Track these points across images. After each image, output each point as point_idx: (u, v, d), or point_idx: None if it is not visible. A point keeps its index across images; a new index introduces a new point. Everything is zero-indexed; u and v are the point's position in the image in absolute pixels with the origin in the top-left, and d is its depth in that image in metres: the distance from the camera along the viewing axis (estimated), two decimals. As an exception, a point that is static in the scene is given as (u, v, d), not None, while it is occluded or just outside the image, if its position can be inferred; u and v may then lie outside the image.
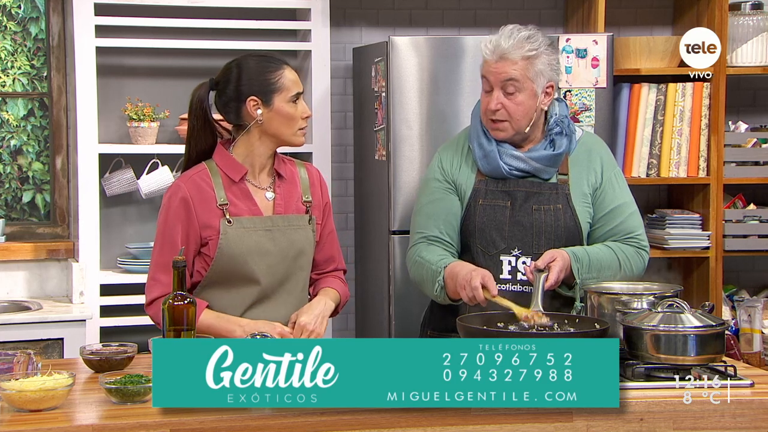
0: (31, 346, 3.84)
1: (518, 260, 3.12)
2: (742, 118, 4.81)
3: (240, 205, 3.02)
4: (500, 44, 3.08)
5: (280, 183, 3.10)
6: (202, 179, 3.02)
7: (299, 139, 3.06)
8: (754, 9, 4.65)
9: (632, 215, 3.20)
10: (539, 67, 3.09)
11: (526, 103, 3.10)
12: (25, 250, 4.44)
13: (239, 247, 2.99)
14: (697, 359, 2.67)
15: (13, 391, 2.42)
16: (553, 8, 4.85)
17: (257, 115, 3.00)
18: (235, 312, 3.02)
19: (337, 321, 4.60)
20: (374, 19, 4.73)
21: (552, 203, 3.14)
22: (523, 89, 3.08)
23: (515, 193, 3.15)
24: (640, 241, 3.19)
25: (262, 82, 3.00)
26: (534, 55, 3.08)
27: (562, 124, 3.17)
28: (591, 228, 3.20)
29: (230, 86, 3.02)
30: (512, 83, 3.08)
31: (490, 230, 3.14)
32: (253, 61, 3.03)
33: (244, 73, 3.01)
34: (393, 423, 2.43)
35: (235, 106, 3.02)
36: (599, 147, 3.27)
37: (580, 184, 3.18)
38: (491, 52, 3.09)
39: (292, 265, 3.07)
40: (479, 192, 3.17)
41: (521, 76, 3.07)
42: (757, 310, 4.36)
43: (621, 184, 3.23)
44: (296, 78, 3.05)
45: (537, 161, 3.14)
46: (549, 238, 3.12)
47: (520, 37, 3.08)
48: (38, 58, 4.57)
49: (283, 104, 3.01)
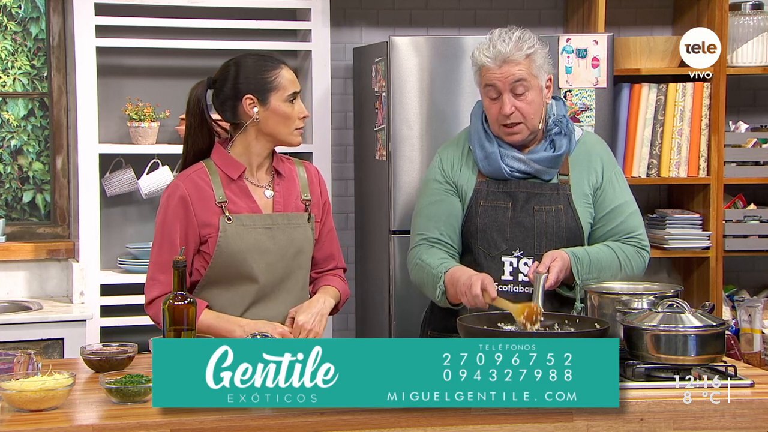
0: (31, 346, 3.84)
1: (520, 261, 3.12)
2: (743, 118, 4.81)
3: (239, 203, 3.02)
4: (499, 49, 3.08)
5: (279, 181, 3.10)
6: (201, 178, 3.02)
7: (296, 139, 3.05)
8: (754, 9, 4.65)
9: (633, 215, 3.20)
10: (539, 62, 3.11)
11: (537, 101, 3.11)
12: (26, 250, 4.44)
13: (238, 244, 2.98)
14: (697, 359, 2.67)
15: (13, 391, 2.42)
16: (553, 8, 4.85)
17: (254, 113, 3.00)
18: (235, 311, 3.02)
19: (337, 321, 4.60)
20: (374, 19, 4.73)
21: (553, 204, 3.14)
22: (531, 87, 3.09)
23: (516, 194, 3.15)
24: (640, 240, 3.19)
25: (258, 80, 3.00)
26: (533, 52, 3.10)
27: (560, 124, 3.18)
28: (591, 228, 3.19)
29: (227, 85, 3.02)
30: (521, 83, 3.08)
31: (491, 231, 3.14)
32: (250, 60, 3.04)
33: (242, 71, 3.01)
34: (393, 423, 2.43)
35: (231, 105, 3.03)
36: (599, 146, 3.27)
37: (581, 184, 3.18)
38: (492, 58, 3.09)
39: (292, 263, 3.07)
40: (480, 193, 3.17)
41: (528, 75, 3.08)
42: (758, 310, 4.36)
43: (621, 183, 3.23)
44: (293, 77, 3.05)
45: (538, 163, 3.14)
46: (550, 239, 3.12)
47: (515, 38, 3.10)
48: (38, 58, 4.57)
49: (280, 103, 3.01)
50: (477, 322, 2.84)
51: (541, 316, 2.88)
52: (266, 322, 2.98)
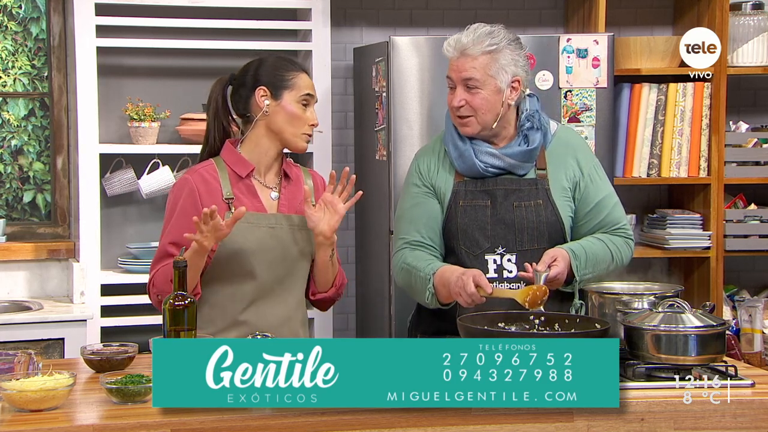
0: (31, 346, 3.84)
1: (503, 258, 3.11)
2: (743, 118, 4.82)
3: (245, 201, 3.03)
4: (461, 41, 3.09)
5: (286, 184, 3.12)
6: (209, 173, 3.05)
7: (301, 144, 3.06)
8: (754, 9, 4.65)
9: (616, 206, 3.21)
10: (502, 62, 3.08)
11: (490, 99, 3.09)
12: (26, 250, 4.44)
13: (241, 241, 2.99)
14: (697, 359, 2.67)
15: (13, 391, 2.42)
16: (553, 8, 4.85)
17: (264, 105, 3.02)
18: (235, 308, 3.03)
19: (337, 321, 4.60)
20: (375, 19, 4.73)
21: (532, 199, 3.14)
22: (484, 85, 3.08)
23: (495, 191, 3.15)
24: (626, 231, 3.20)
25: (275, 76, 3.04)
26: (494, 50, 3.07)
27: (532, 119, 3.17)
28: (578, 223, 3.18)
29: (245, 77, 3.07)
30: (472, 81, 3.08)
31: (472, 231, 3.12)
32: (273, 59, 3.10)
33: (262, 66, 3.07)
34: (393, 423, 2.43)
35: (245, 95, 3.07)
36: (575, 140, 3.26)
37: (559, 178, 3.18)
38: (453, 49, 3.10)
39: (292, 264, 3.07)
40: (459, 193, 3.16)
41: (481, 74, 3.07)
42: (758, 310, 4.36)
43: (602, 176, 3.23)
44: (311, 83, 3.09)
45: (511, 157, 3.13)
46: (532, 235, 3.12)
47: (481, 32, 3.09)
48: (39, 58, 4.57)
49: (292, 102, 3.03)
50: (477, 322, 2.84)
51: (546, 296, 2.88)
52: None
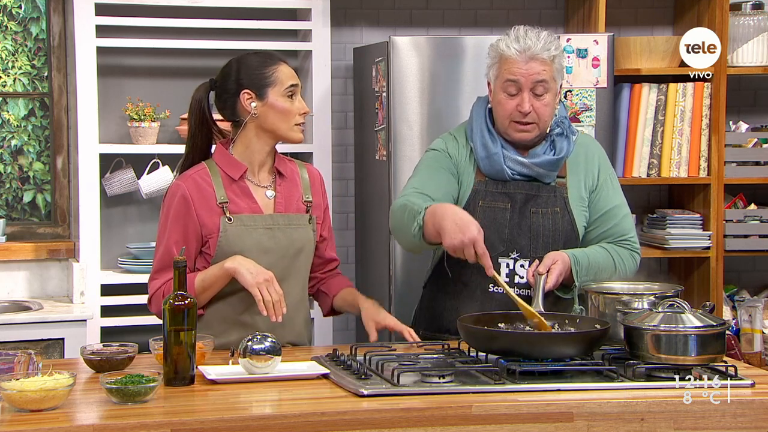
0: (31, 346, 3.84)
1: (516, 263, 3.10)
2: (743, 118, 4.82)
3: (240, 203, 3.02)
4: (528, 44, 3.03)
5: (280, 181, 3.10)
6: (202, 178, 3.02)
7: (297, 135, 3.05)
8: (754, 9, 4.65)
9: (626, 217, 3.20)
10: (558, 66, 3.08)
11: (552, 104, 3.09)
12: (26, 250, 4.44)
13: (239, 244, 2.99)
14: (697, 359, 2.66)
15: (13, 391, 2.42)
16: (553, 8, 4.85)
17: (251, 108, 3.00)
18: (235, 311, 3.02)
19: (337, 321, 4.59)
20: (375, 19, 4.73)
21: (550, 206, 3.13)
22: (550, 90, 3.06)
23: (515, 195, 3.13)
24: (633, 243, 3.19)
25: (256, 76, 3.01)
26: (558, 55, 3.07)
27: (562, 125, 3.16)
28: (585, 229, 3.18)
29: (227, 82, 3.04)
30: (542, 84, 3.04)
31: (489, 232, 3.07)
32: (250, 58, 3.06)
33: (242, 68, 3.04)
34: (393, 423, 2.43)
35: (230, 102, 3.04)
36: (595, 148, 3.25)
37: (577, 187, 3.17)
38: (520, 52, 3.04)
39: (292, 263, 3.07)
40: (479, 193, 3.14)
41: (549, 77, 3.05)
42: (758, 310, 4.36)
43: (615, 186, 3.22)
44: (292, 72, 3.05)
45: (540, 166, 3.11)
46: (546, 242, 3.10)
47: (543, 36, 3.06)
48: (39, 58, 4.57)
49: (278, 98, 3.01)
50: (477, 322, 2.84)
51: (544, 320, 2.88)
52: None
